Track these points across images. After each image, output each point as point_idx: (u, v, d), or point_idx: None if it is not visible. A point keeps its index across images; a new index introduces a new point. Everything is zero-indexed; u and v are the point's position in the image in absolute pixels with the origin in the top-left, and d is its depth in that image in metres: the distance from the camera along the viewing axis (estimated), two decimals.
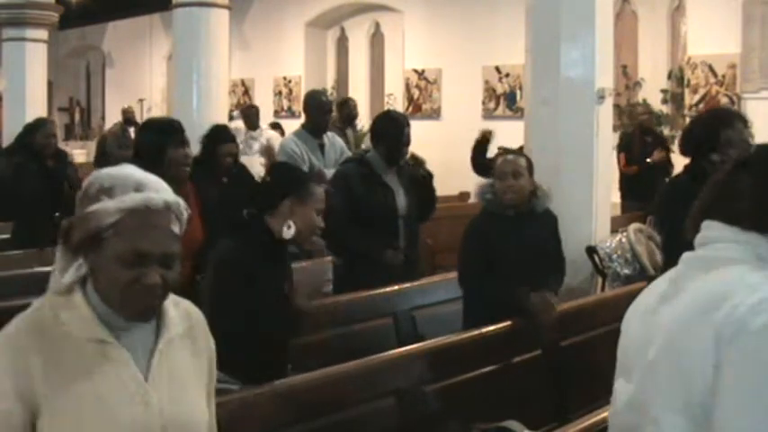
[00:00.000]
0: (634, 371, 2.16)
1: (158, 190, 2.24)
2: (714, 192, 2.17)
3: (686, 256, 2.17)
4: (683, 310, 2.04)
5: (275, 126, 14.72)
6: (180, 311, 2.37)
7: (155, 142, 5.12)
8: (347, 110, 10.78)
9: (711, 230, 2.13)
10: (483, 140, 10.82)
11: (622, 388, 2.23)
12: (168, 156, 5.05)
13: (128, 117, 15.99)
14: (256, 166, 10.64)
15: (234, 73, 16.11)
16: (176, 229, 2.24)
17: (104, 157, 15.16)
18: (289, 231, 4.14)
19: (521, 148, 7.01)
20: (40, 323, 2.17)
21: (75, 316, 2.18)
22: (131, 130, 15.58)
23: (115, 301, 2.18)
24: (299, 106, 15.07)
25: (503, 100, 15.04)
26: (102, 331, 2.18)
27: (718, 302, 1.95)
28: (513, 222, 5.32)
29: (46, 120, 9.02)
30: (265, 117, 16.16)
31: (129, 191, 2.19)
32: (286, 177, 4.40)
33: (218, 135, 7.43)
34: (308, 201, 4.22)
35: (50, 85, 15.46)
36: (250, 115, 12.62)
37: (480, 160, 8.93)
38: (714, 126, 4.67)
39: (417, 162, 6.40)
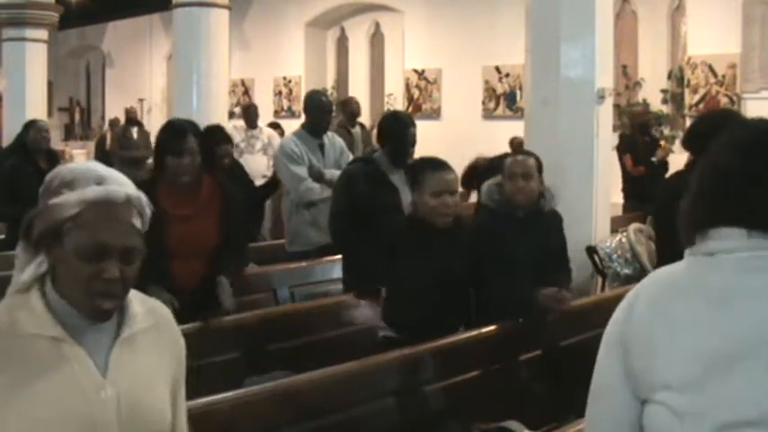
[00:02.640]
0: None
1: (121, 183, 2.22)
2: None
3: None
4: None
5: (275, 126, 14.71)
6: (145, 308, 2.34)
7: (159, 146, 5.10)
8: (350, 108, 10.78)
9: None
10: (475, 168, 10.73)
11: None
12: (167, 163, 4.99)
13: (131, 117, 16.00)
14: (259, 164, 10.65)
15: (234, 73, 16.11)
16: (138, 223, 2.21)
17: (106, 158, 15.20)
18: None
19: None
20: None
21: (29, 314, 2.15)
22: (134, 131, 15.62)
23: (74, 297, 2.16)
24: (299, 106, 15.08)
25: (503, 100, 15.05)
26: (56, 329, 2.15)
27: None
28: (520, 222, 5.33)
29: (36, 119, 9.03)
30: (265, 117, 16.15)
31: (91, 184, 2.17)
32: None
33: (214, 136, 7.46)
34: None
35: (50, 85, 15.45)
36: (250, 114, 12.63)
37: (469, 185, 8.89)
38: (720, 126, 4.65)
39: None
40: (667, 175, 9.74)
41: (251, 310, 5.79)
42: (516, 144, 11.11)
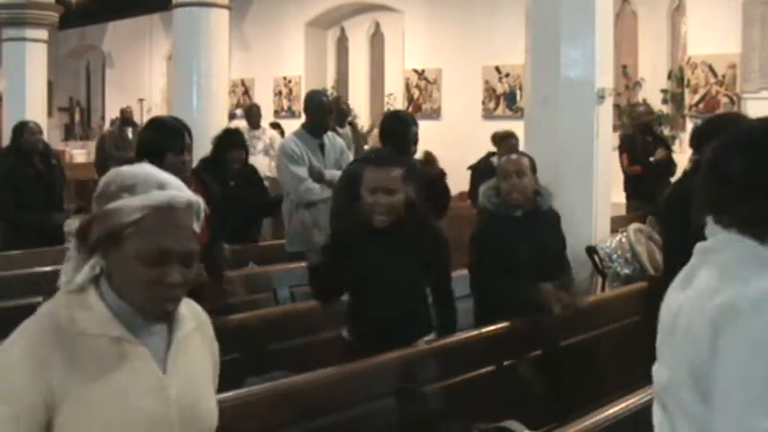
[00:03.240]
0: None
1: (180, 188, 2.23)
2: None
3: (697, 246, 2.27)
4: (693, 296, 2.17)
5: (275, 126, 14.73)
6: (188, 310, 2.38)
7: (156, 144, 5.08)
8: (337, 107, 10.81)
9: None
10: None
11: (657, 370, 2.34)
12: (167, 160, 4.95)
13: (126, 117, 15.96)
14: (260, 165, 10.66)
15: (234, 73, 16.11)
16: (196, 228, 2.24)
17: (104, 159, 15.19)
18: None
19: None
20: (56, 323, 2.16)
21: (91, 315, 2.17)
22: (129, 131, 15.59)
23: (135, 300, 2.17)
24: (299, 106, 15.09)
25: (503, 100, 15.05)
26: (118, 328, 2.17)
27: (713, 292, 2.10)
28: (520, 222, 5.33)
29: (27, 121, 9.04)
30: (266, 117, 16.15)
31: (152, 189, 2.18)
32: None
33: (230, 140, 7.53)
34: None
35: (50, 85, 15.45)
36: (252, 114, 12.65)
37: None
38: (725, 128, 4.62)
39: (430, 161, 6.42)
40: (672, 177, 9.78)
41: (251, 310, 5.80)
42: (498, 138, 11.12)
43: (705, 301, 2.09)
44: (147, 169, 2.26)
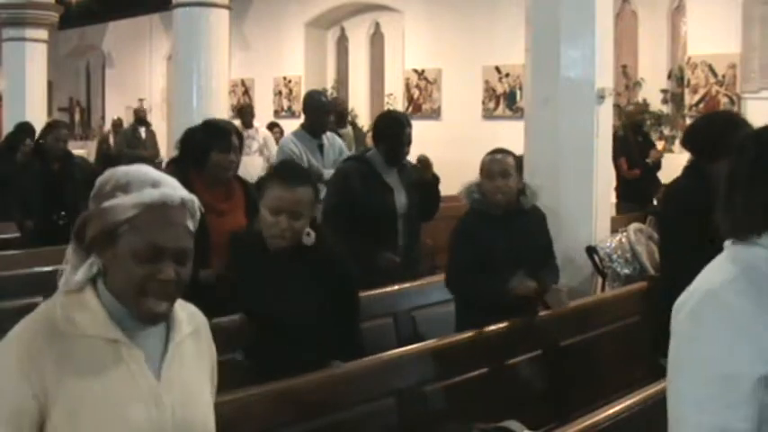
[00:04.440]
0: None
1: (174, 187, 2.25)
2: None
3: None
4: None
5: (274, 126, 14.73)
6: (186, 313, 2.38)
7: (202, 142, 5.27)
8: (337, 108, 10.82)
9: None
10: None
11: None
12: (212, 158, 5.20)
13: (140, 117, 16.06)
14: (254, 165, 10.66)
15: (234, 73, 16.11)
16: (191, 225, 2.25)
17: (109, 156, 15.26)
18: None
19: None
20: (52, 323, 2.16)
21: (88, 315, 2.17)
22: (142, 130, 15.67)
23: (129, 299, 2.18)
24: (299, 106, 15.09)
25: (503, 100, 15.05)
26: (114, 331, 2.17)
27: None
28: (501, 221, 5.29)
29: (60, 123, 9.06)
30: (266, 117, 16.19)
31: (146, 187, 2.20)
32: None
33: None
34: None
35: (50, 84, 15.48)
36: (244, 114, 12.65)
37: None
38: (722, 130, 4.57)
39: (425, 165, 6.40)
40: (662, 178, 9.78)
41: None
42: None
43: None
44: (141, 168, 2.28)
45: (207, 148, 5.21)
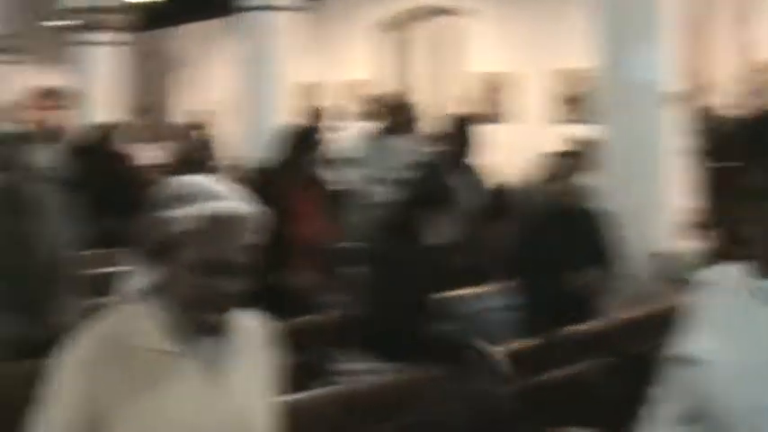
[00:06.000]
0: None
1: (236, 198, 2.23)
2: None
3: None
4: None
5: (340, 129, 14.77)
6: (247, 321, 2.38)
7: (290, 147, 5.43)
8: (406, 111, 10.81)
9: None
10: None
11: None
12: (300, 162, 5.40)
13: (198, 121, 16.19)
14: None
15: (303, 76, 16.17)
16: (251, 238, 2.22)
17: (184, 162, 15.41)
18: None
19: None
20: (109, 334, 2.19)
21: (143, 326, 2.19)
22: (199, 134, 15.79)
23: (186, 310, 2.19)
24: (366, 109, 15.11)
25: (570, 103, 14.90)
26: (171, 341, 2.19)
27: None
28: (563, 221, 5.29)
29: (116, 124, 9.19)
30: (335, 120, 16.18)
31: (207, 199, 2.18)
32: None
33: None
34: None
35: (126, 87, 15.70)
36: (315, 117, 12.67)
37: None
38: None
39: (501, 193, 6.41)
40: None
41: None
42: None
43: None
44: (202, 179, 2.27)
45: (296, 153, 5.23)
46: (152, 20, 18.79)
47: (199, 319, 2.19)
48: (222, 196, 2.21)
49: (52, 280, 4.65)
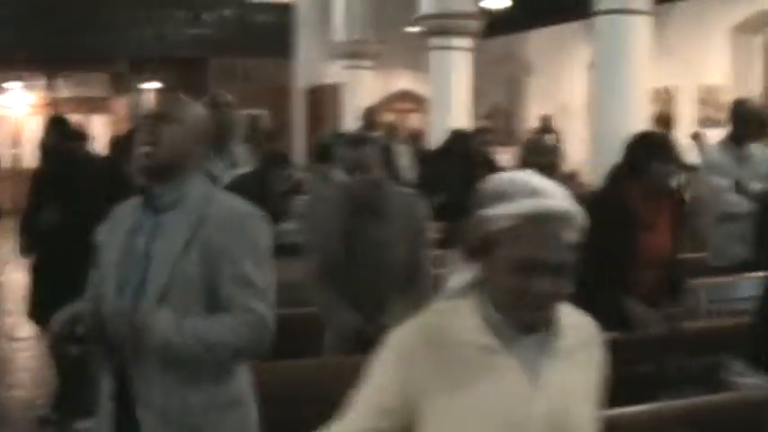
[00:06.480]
0: None
1: (557, 197, 2.20)
2: None
3: None
4: None
5: (697, 135, 14.36)
6: (575, 322, 2.34)
7: (641, 154, 5.26)
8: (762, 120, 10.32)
9: None
10: None
11: None
12: (653, 169, 5.15)
13: (545, 125, 16.22)
14: None
15: (655, 81, 15.83)
16: (572, 238, 2.19)
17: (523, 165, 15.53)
18: None
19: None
20: (430, 327, 2.23)
21: (464, 322, 2.21)
22: (546, 138, 15.83)
23: (505, 308, 2.18)
24: (723, 115, 14.59)
25: None
26: (490, 338, 2.19)
27: None
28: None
29: (484, 129, 9.41)
30: (689, 126, 15.77)
31: (526, 196, 2.17)
32: None
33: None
34: None
35: (474, 92, 15.97)
36: (669, 123, 12.37)
37: None
38: None
39: None
40: None
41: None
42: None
43: None
44: (522, 176, 2.26)
45: (648, 158, 5.16)
46: (504, 25, 19.07)
47: (516, 318, 2.19)
48: (544, 193, 2.18)
49: (409, 280, 4.80)
